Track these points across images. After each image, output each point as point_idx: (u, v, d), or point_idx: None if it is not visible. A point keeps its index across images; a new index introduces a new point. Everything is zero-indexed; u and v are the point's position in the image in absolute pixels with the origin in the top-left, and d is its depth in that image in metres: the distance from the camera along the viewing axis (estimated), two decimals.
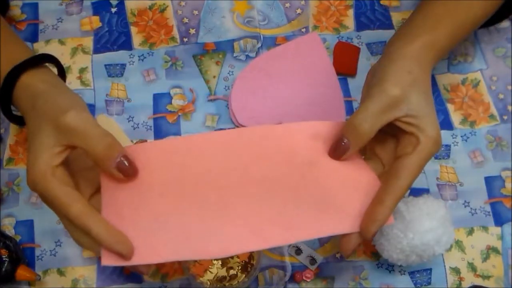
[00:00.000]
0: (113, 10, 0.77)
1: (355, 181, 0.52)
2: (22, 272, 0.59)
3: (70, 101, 0.51)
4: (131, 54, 0.74)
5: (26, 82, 0.54)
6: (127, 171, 0.49)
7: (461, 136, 0.71)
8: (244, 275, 0.61)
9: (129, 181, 0.51)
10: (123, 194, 0.51)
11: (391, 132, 0.53)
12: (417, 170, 0.51)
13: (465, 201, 0.68)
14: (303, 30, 0.76)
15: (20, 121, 0.57)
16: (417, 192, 0.67)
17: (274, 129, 0.55)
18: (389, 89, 0.50)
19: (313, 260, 0.64)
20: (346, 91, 0.72)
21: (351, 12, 0.77)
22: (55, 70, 0.58)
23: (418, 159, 0.50)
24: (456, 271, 0.65)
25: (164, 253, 0.49)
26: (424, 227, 0.57)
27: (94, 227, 0.47)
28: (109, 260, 0.48)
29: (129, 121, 0.71)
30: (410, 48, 0.53)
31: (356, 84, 0.73)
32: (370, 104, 0.50)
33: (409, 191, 0.67)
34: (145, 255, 0.49)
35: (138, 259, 0.49)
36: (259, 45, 0.75)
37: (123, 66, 0.73)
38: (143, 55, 0.74)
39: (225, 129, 0.70)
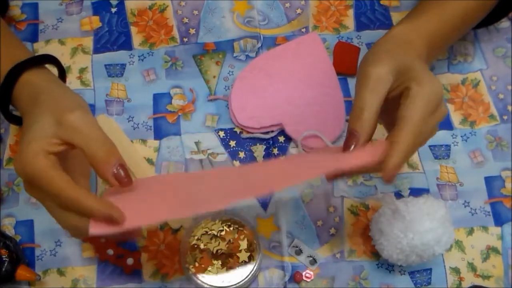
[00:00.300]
0: (113, 10, 0.77)
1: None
2: (22, 272, 0.59)
3: (75, 101, 0.52)
4: (131, 54, 0.74)
5: (27, 80, 0.54)
6: (122, 180, 0.50)
7: (461, 136, 0.71)
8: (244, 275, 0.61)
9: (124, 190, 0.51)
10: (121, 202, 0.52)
11: None
12: (416, 115, 0.49)
13: (465, 201, 0.68)
14: (303, 30, 0.76)
15: (17, 120, 0.58)
16: (417, 192, 0.67)
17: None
18: (369, 71, 0.52)
19: (313, 260, 0.64)
20: (346, 91, 0.72)
21: (351, 12, 0.77)
22: (54, 71, 0.59)
23: (413, 104, 0.50)
24: (456, 271, 0.65)
25: (155, 215, 0.50)
26: (424, 227, 0.57)
27: (84, 197, 0.48)
28: (97, 228, 0.48)
29: (129, 121, 0.71)
30: (392, 32, 0.57)
31: None
32: (360, 92, 0.52)
33: (409, 190, 0.67)
34: (134, 219, 0.49)
35: (128, 223, 0.49)
36: (259, 45, 0.75)
37: (123, 66, 0.73)
38: (143, 55, 0.74)
39: (225, 129, 0.70)
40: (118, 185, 0.50)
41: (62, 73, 0.60)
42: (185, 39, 0.75)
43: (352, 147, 0.51)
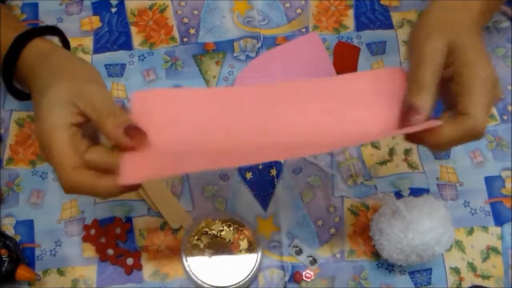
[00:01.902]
0: (113, 10, 0.77)
1: None
2: (22, 272, 0.59)
3: (89, 71, 0.53)
4: (131, 54, 0.74)
5: (36, 44, 0.54)
6: (134, 135, 0.49)
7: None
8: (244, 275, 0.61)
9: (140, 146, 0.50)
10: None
11: None
12: (478, 110, 0.49)
13: (465, 201, 0.68)
14: (303, 30, 0.76)
15: (19, 94, 0.58)
16: (417, 192, 0.67)
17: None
18: (425, 44, 0.50)
19: (313, 260, 0.64)
20: None
21: (351, 12, 0.77)
22: None
23: (474, 101, 0.49)
24: (456, 271, 0.65)
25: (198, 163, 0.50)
26: (424, 227, 0.57)
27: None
28: (132, 174, 0.48)
29: None
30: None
31: None
32: (418, 67, 0.50)
33: (409, 190, 0.67)
34: (172, 166, 0.50)
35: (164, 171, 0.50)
36: (259, 45, 0.75)
37: (123, 66, 0.73)
38: (143, 55, 0.74)
39: None
40: (133, 144, 0.49)
41: (66, 46, 0.60)
42: (185, 39, 0.75)
43: (413, 122, 0.51)
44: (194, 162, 0.50)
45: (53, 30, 0.59)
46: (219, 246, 0.62)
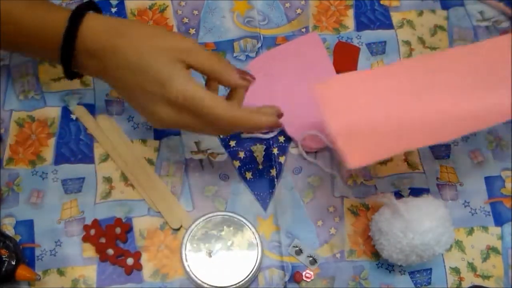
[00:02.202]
0: (113, 10, 0.77)
1: None
2: (22, 272, 0.59)
3: (159, 28, 0.60)
4: None
5: (91, 18, 0.56)
6: (248, 78, 0.58)
7: (461, 136, 0.71)
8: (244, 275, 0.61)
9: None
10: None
11: None
12: None
13: (465, 201, 0.68)
14: (303, 30, 0.76)
15: (71, 74, 0.60)
16: (417, 192, 0.67)
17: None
18: None
19: (313, 260, 0.64)
20: None
21: (351, 12, 0.77)
22: None
23: None
24: (456, 271, 0.65)
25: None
26: (424, 227, 0.57)
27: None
28: (356, 159, 0.55)
29: (129, 121, 0.71)
30: None
31: None
32: None
33: (409, 190, 0.67)
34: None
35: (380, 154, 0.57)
36: (259, 45, 0.75)
37: None
38: None
39: None
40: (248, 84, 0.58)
41: None
42: None
43: None
44: (396, 143, 0.57)
45: (87, 5, 0.59)
46: (219, 246, 0.62)
